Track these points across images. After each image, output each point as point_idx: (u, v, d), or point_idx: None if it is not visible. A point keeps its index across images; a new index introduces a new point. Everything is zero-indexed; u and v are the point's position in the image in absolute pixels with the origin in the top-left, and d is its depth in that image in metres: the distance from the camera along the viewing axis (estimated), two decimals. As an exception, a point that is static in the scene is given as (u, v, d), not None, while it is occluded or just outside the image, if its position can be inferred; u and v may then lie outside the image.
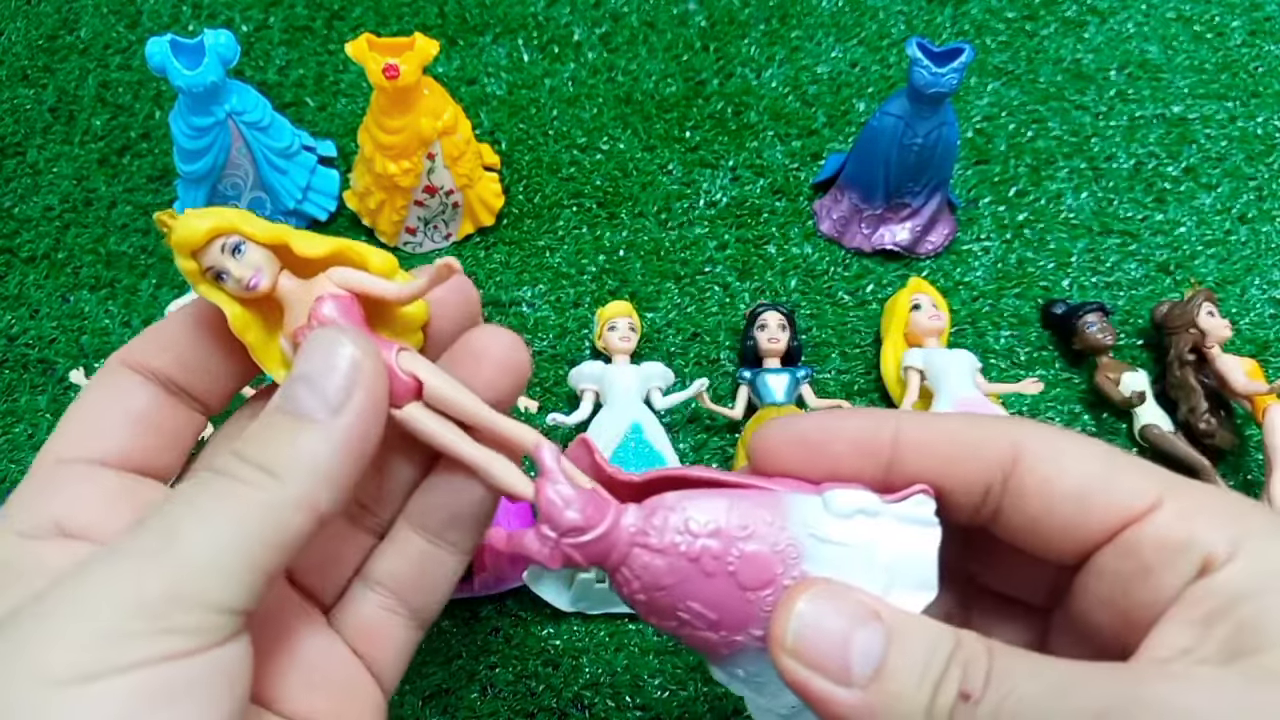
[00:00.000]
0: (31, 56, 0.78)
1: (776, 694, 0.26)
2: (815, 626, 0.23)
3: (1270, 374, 0.64)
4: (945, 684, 0.22)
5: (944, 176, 0.66)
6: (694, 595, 0.25)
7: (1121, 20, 0.81)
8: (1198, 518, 0.23)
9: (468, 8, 0.80)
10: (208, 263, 0.26)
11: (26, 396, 0.62)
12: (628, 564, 0.26)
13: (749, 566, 0.25)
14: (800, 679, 0.23)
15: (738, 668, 0.26)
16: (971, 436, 0.26)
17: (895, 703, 0.22)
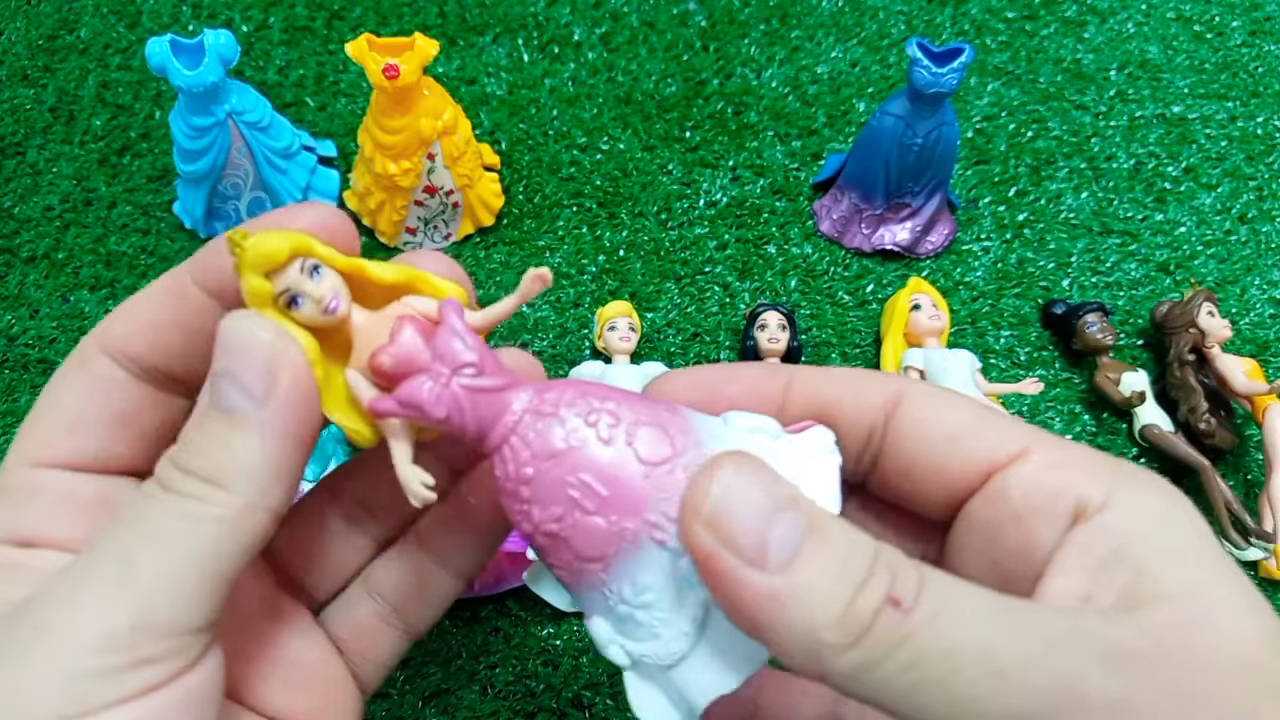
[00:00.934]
0: (31, 56, 0.78)
1: (657, 629, 0.23)
2: (738, 499, 0.21)
3: (1270, 374, 0.64)
4: (869, 586, 0.20)
5: (944, 176, 0.66)
6: (587, 465, 0.23)
7: (1121, 20, 0.81)
8: (1067, 467, 0.23)
9: (468, 8, 0.80)
10: (283, 285, 0.24)
11: (26, 397, 0.62)
12: (518, 431, 0.24)
13: (649, 439, 0.23)
14: (711, 552, 0.21)
15: (620, 586, 0.23)
16: (857, 381, 0.27)
17: (809, 594, 0.20)
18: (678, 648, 0.23)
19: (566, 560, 0.24)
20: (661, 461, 0.23)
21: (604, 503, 0.23)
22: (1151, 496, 0.22)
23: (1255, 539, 0.56)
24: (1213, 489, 0.57)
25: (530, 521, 0.24)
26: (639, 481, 0.23)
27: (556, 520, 0.23)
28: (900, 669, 0.19)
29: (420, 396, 0.24)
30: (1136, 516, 0.22)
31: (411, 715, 0.52)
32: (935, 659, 0.19)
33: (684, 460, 0.23)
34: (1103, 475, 0.23)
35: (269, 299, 0.24)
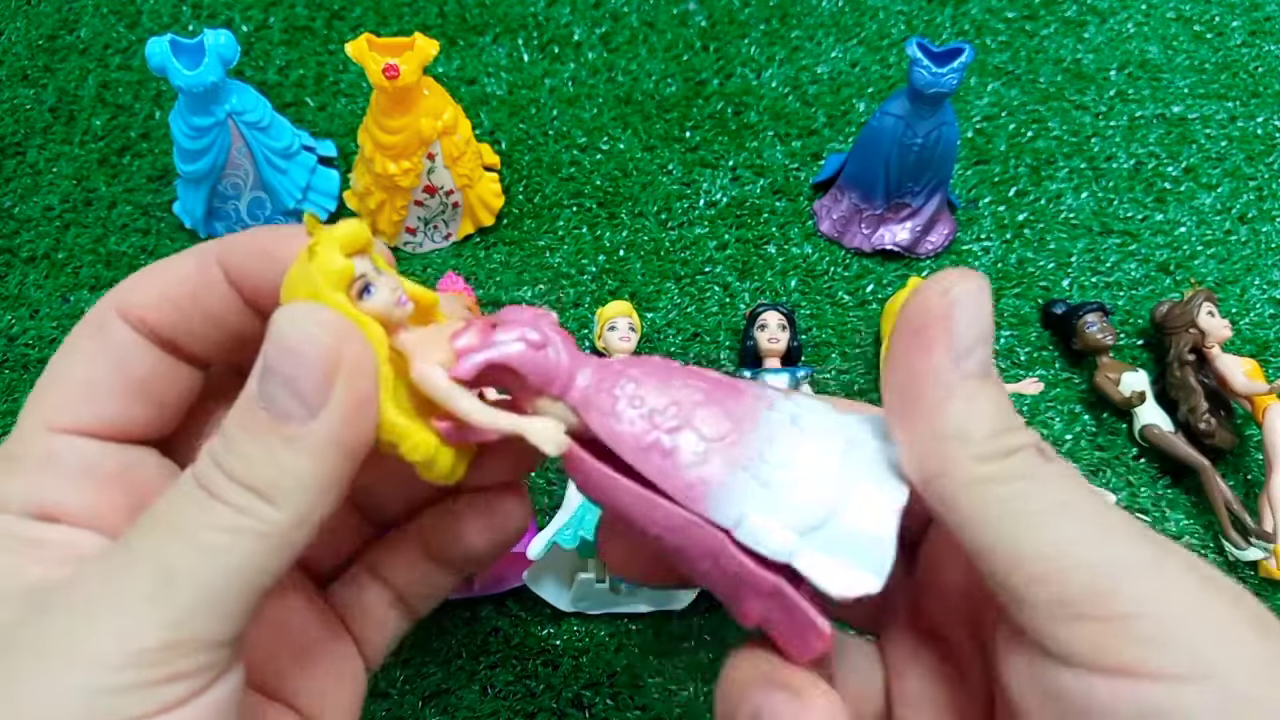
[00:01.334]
0: (31, 56, 0.78)
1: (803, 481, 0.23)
2: (974, 305, 0.22)
3: (1270, 374, 0.64)
4: (1020, 432, 0.22)
5: (944, 176, 0.66)
6: (683, 373, 0.25)
7: (1121, 20, 0.81)
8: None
9: (468, 8, 0.80)
10: (362, 269, 0.23)
11: (27, 396, 0.62)
12: (608, 363, 0.25)
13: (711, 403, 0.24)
14: (936, 319, 0.22)
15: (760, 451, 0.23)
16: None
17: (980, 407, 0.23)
18: (831, 492, 0.23)
19: (698, 451, 0.23)
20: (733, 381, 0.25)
21: (709, 394, 0.24)
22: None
23: (1255, 539, 0.56)
24: (1213, 489, 0.57)
25: (652, 422, 0.23)
26: (727, 382, 0.24)
27: (677, 410, 0.23)
28: (1014, 495, 0.21)
29: (523, 320, 0.24)
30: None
31: (411, 715, 0.52)
32: (1046, 504, 0.20)
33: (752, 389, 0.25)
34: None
35: (345, 281, 0.22)
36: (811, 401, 0.25)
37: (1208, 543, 0.58)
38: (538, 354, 0.24)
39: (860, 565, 0.22)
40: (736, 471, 0.23)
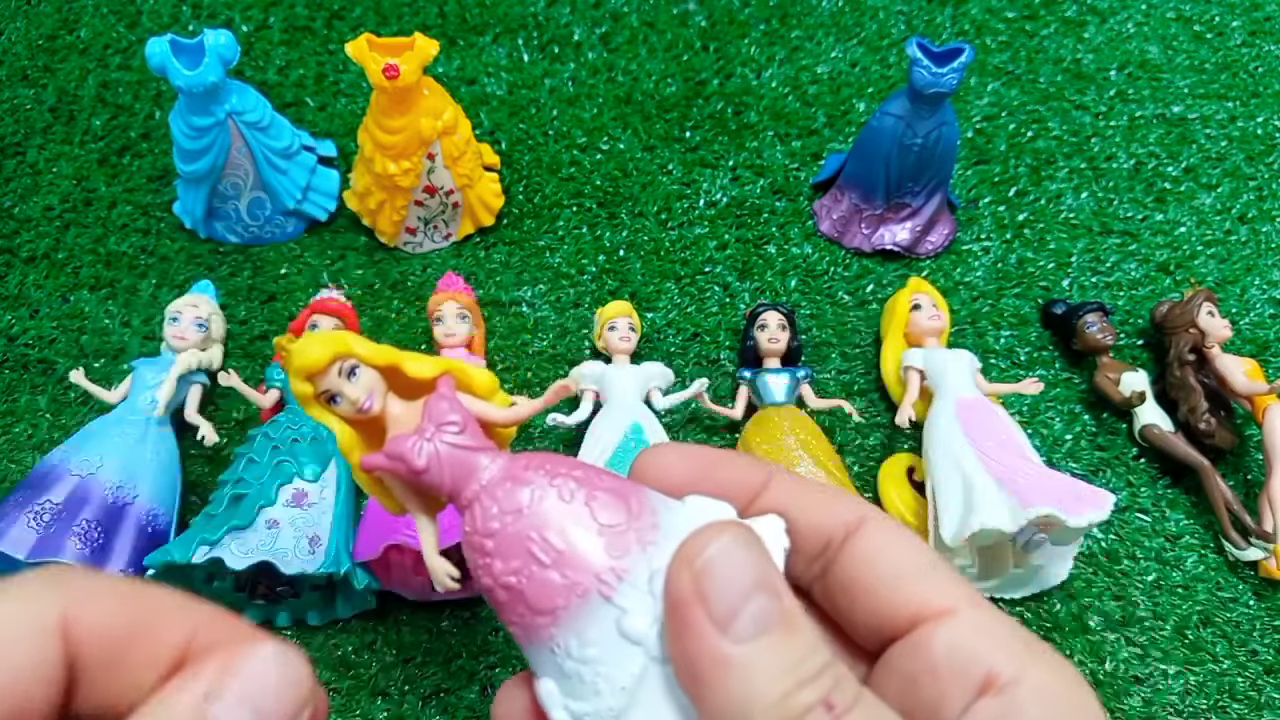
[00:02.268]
0: (31, 56, 0.78)
1: (599, 685, 0.24)
2: (729, 564, 0.23)
3: (1270, 374, 0.64)
4: (811, 685, 0.22)
5: (944, 176, 0.66)
6: (547, 522, 0.25)
7: (1121, 20, 0.81)
8: (989, 636, 0.25)
9: (468, 8, 0.80)
10: (324, 386, 0.28)
11: (26, 396, 0.62)
12: (488, 488, 0.26)
13: (607, 504, 0.25)
14: (686, 599, 0.22)
15: (567, 640, 0.25)
16: (827, 496, 0.28)
17: (756, 672, 0.22)
18: (616, 703, 0.24)
19: (520, 614, 0.25)
20: (617, 525, 0.25)
21: (559, 558, 0.24)
22: (1060, 682, 0.24)
23: (1255, 539, 0.56)
24: (1213, 489, 0.57)
25: (491, 575, 0.25)
26: (593, 539, 0.25)
27: (514, 573, 0.25)
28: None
29: (403, 448, 0.27)
30: (1046, 702, 0.23)
31: (412, 715, 0.52)
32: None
33: (639, 525, 0.25)
34: (1019, 651, 0.24)
35: (312, 398, 0.28)
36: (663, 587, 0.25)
37: (1208, 543, 0.58)
38: (416, 477, 0.27)
39: None
40: (544, 648, 0.25)
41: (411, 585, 0.55)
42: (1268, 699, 0.53)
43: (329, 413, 0.28)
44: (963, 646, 0.25)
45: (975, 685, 0.24)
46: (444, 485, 0.27)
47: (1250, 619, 0.56)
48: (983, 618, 0.25)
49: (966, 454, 0.54)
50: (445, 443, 0.27)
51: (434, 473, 0.27)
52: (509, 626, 0.26)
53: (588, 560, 0.24)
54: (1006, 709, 0.23)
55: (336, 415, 0.28)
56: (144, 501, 0.54)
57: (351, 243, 0.69)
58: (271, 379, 0.59)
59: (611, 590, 0.24)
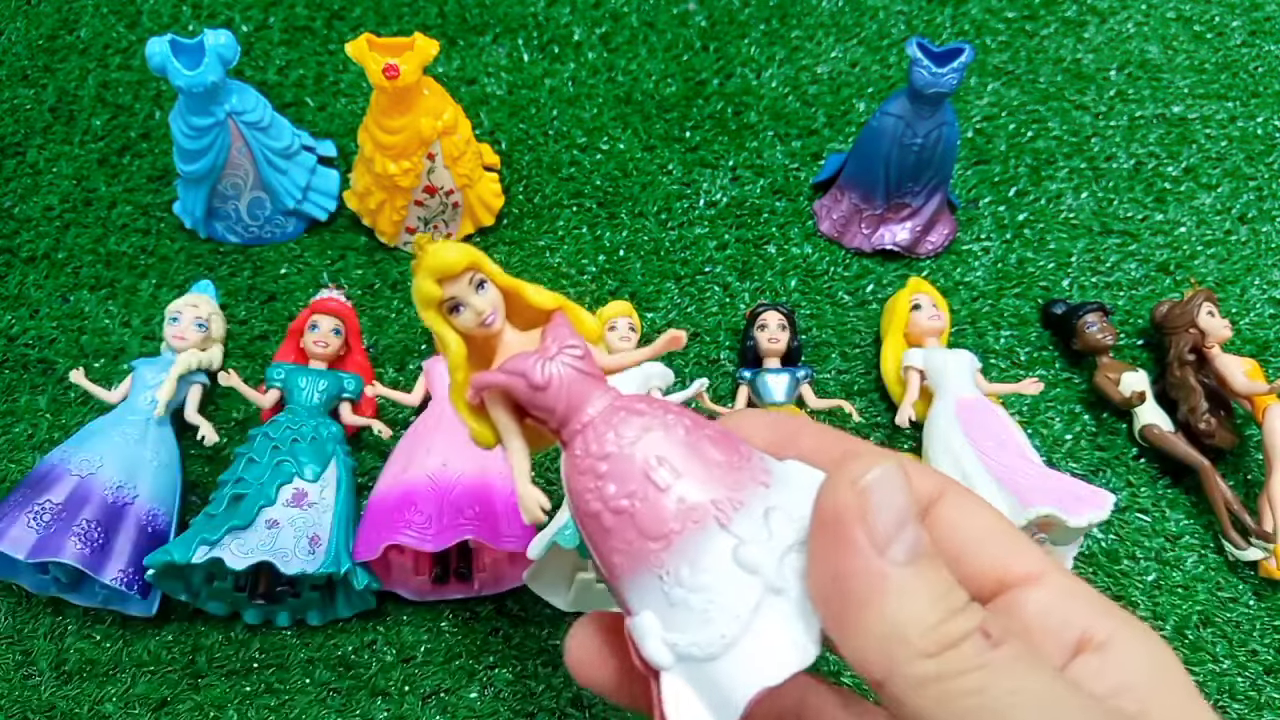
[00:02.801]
0: (31, 56, 0.78)
1: (710, 613, 0.24)
2: (890, 488, 0.23)
3: (1270, 374, 0.64)
4: (964, 614, 0.22)
5: (944, 176, 0.66)
6: (667, 449, 0.25)
7: (1121, 20, 0.81)
8: (1079, 599, 0.25)
9: (468, 8, 0.80)
10: (451, 292, 0.27)
11: (26, 396, 0.62)
12: (606, 414, 0.26)
13: (722, 443, 0.25)
14: (849, 516, 0.22)
15: (678, 566, 0.24)
16: (911, 466, 0.28)
17: (912, 595, 0.22)
18: (729, 631, 0.23)
19: (629, 540, 0.25)
20: (731, 460, 0.25)
21: (676, 484, 0.24)
22: (1150, 644, 0.24)
23: (1255, 539, 0.56)
24: (1213, 489, 0.57)
25: (601, 499, 0.25)
26: (710, 469, 0.25)
27: (628, 496, 0.25)
28: (967, 690, 0.21)
29: (524, 365, 0.27)
30: (1140, 659, 0.24)
31: (412, 715, 0.52)
32: (1001, 692, 0.21)
33: (750, 466, 0.25)
34: (1107, 614, 0.25)
35: (434, 303, 0.27)
36: (780, 523, 0.25)
37: (1208, 543, 0.58)
38: (534, 394, 0.27)
39: (710, 713, 0.24)
40: (651, 575, 0.25)
41: (411, 585, 0.55)
42: (1268, 699, 0.53)
43: (446, 324, 0.27)
44: (1055, 609, 0.25)
45: (1070, 645, 0.24)
46: (558, 408, 0.27)
47: (1250, 619, 0.56)
48: (1069, 583, 0.25)
49: (966, 454, 0.54)
50: (567, 364, 0.27)
51: (552, 392, 0.26)
52: (610, 556, 0.25)
53: (705, 488, 0.24)
54: (1104, 664, 0.24)
55: (453, 327, 0.27)
56: (144, 501, 0.54)
57: (351, 243, 0.69)
58: (271, 379, 0.59)
59: (728, 519, 0.24)
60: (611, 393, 0.27)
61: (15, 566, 0.53)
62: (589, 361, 0.27)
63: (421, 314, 0.27)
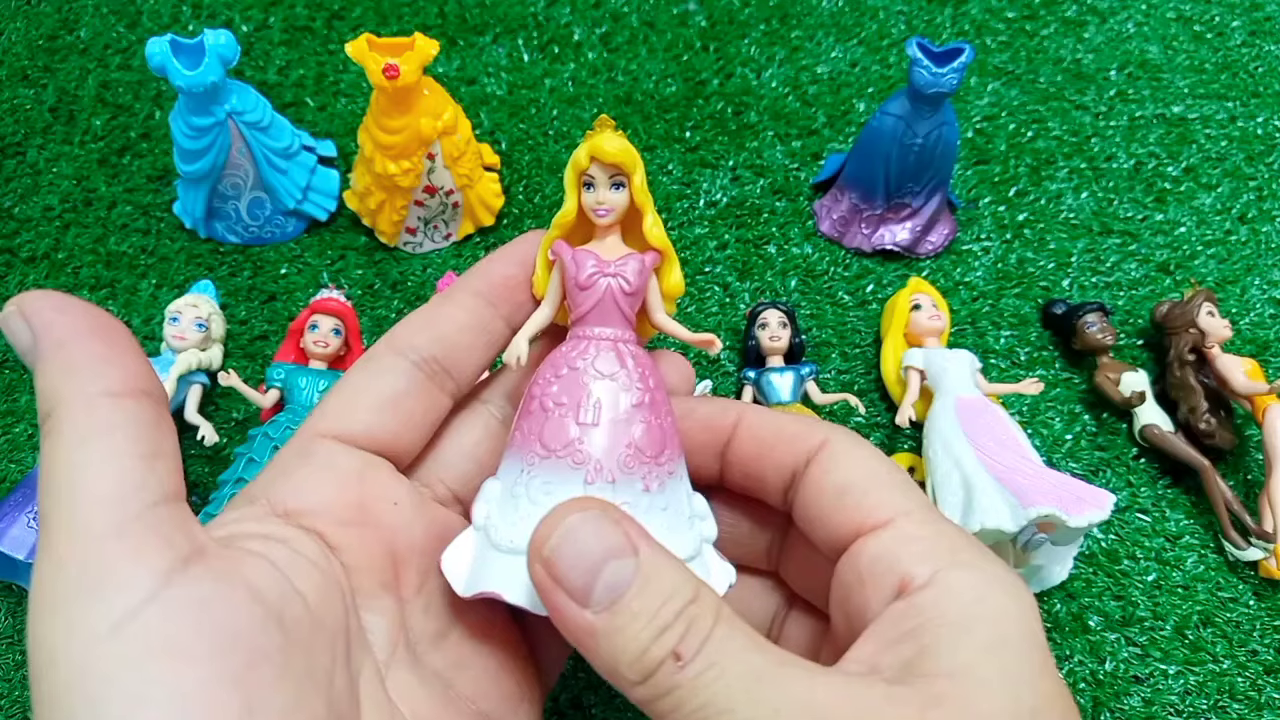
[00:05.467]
0: (31, 56, 0.78)
1: (524, 522, 0.28)
2: (574, 543, 0.24)
3: (1270, 374, 0.64)
4: (666, 636, 0.23)
5: (944, 176, 0.66)
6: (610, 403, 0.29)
7: (1121, 20, 0.81)
8: (910, 543, 0.26)
9: (468, 8, 0.80)
10: (593, 172, 0.31)
11: (26, 396, 0.62)
12: (603, 345, 0.31)
13: (653, 435, 0.29)
14: (544, 586, 0.25)
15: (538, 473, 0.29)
16: (792, 428, 0.30)
17: (618, 636, 0.24)
18: (518, 543, 0.27)
19: (532, 431, 0.29)
20: (646, 454, 0.29)
21: (590, 428, 0.29)
22: (969, 583, 0.25)
23: (1255, 539, 0.56)
24: (1213, 489, 0.57)
25: (544, 389, 0.30)
26: (622, 442, 0.29)
27: (557, 404, 0.29)
28: (668, 709, 0.23)
29: (585, 262, 0.31)
30: (943, 599, 0.24)
31: (411, 715, 0.52)
32: (691, 709, 0.23)
33: (658, 470, 0.29)
34: (937, 557, 0.25)
35: (578, 171, 0.31)
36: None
37: (1208, 543, 0.58)
38: (574, 285, 0.31)
39: (465, 576, 0.29)
40: (520, 463, 0.29)
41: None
42: (1268, 699, 0.53)
43: (574, 188, 0.31)
44: (884, 556, 0.26)
45: (890, 592, 0.25)
46: (580, 310, 0.31)
47: (1250, 619, 0.56)
48: (915, 528, 0.27)
49: (966, 454, 0.54)
50: (611, 287, 0.31)
51: (584, 296, 0.30)
52: (516, 429, 0.30)
53: (605, 449, 0.28)
54: (907, 609, 0.24)
55: (577, 194, 0.31)
56: (144, 501, 0.54)
57: (351, 243, 0.69)
58: (271, 379, 0.59)
59: (593, 480, 0.28)
60: (626, 334, 0.31)
61: (15, 566, 0.53)
62: (629, 300, 0.31)
63: (566, 171, 0.31)
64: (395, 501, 0.29)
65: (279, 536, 0.26)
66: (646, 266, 0.31)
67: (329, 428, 0.29)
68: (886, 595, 0.25)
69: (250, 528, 0.26)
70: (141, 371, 0.24)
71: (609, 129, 0.31)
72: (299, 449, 0.29)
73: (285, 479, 0.28)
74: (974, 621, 0.24)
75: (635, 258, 0.31)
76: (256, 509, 0.27)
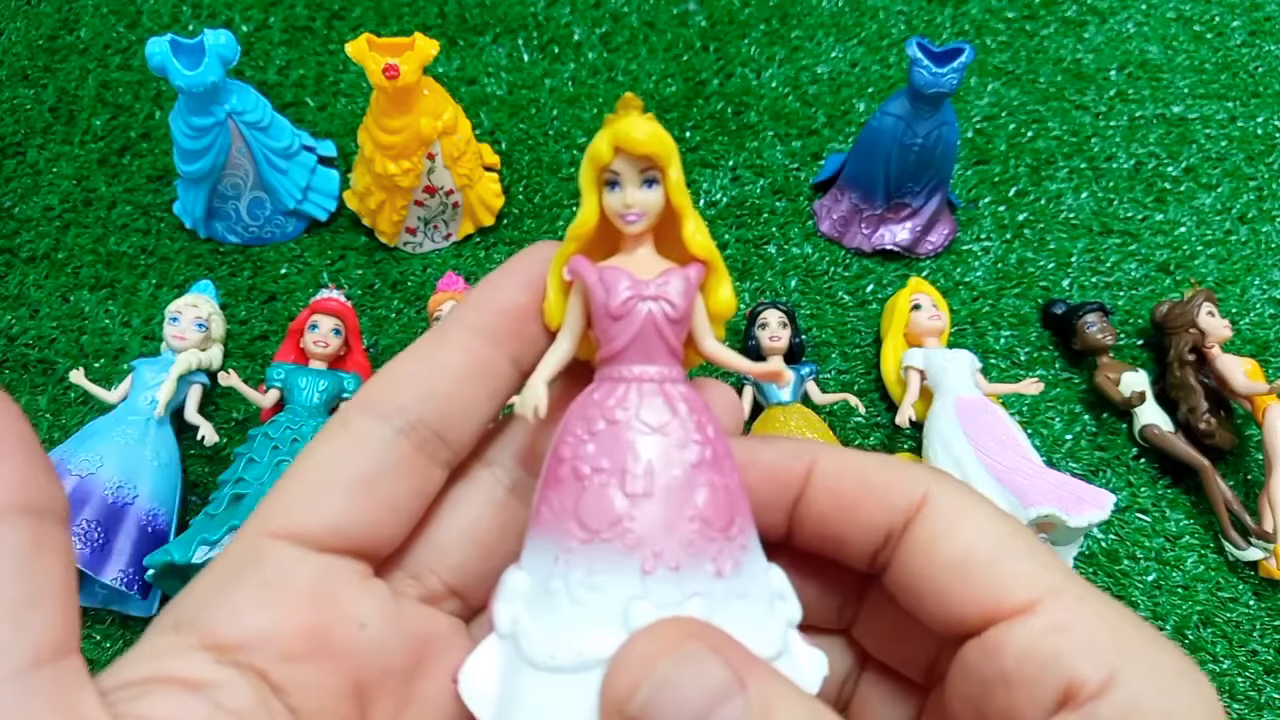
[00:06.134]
0: (31, 56, 0.78)
1: (562, 625, 0.22)
2: (670, 699, 0.19)
3: (1270, 374, 0.64)
4: None
5: (944, 176, 0.66)
6: (661, 464, 0.23)
7: (1121, 20, 0.81)
8: (1071, 633, 0.21)
9: (468, 8, 0.80)
10: (618, 167, 0.24)
11: (26, 396, 0.62)
12: (647, 388, 0.24)
13: (719, 502, 0.23)
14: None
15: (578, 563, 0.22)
16: (882, 478, 0.24)
17: None
18: (561, 660, 0.22)
19: (563, 505, 0.23)
20: (713, 526, 0.23)
21: (641, 499, 0.22)
22: (1156, 685, 0.20)
23: (1255, 539, 0.56)
24: (1213, 489, 0.57)
25: (576, 449, 0.23)
26: (684, 516, 0.22)
27: (595, 469, 0.23)
28: None
29: (618, 284, 0.24)
30: (1128, 709, 0.20)
31: (412, 715, 0.52)
32: None
33: (729, 546, 0.23)
34: (1108, 650, 0.20)
35: (597, 166, 0.24)
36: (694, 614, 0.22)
37: (1208, 543, 0.58)
38: (605, 315, 0.24)
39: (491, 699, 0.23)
40: (552, 548, 0.23)
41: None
42: (1268, 699, 0.53)
43: (593, 189, 0.25)
44: (1038, 651, 0.21)
45: (1053, 699, 0.21)
46: (615, 344, 0.24)
47: (1250, 619, 0.56)
48: (1066, 612, 0.21)
49: (966, 454, 0.54)
50: (655, 313, 0.24)
51: (620, 327, 0.24)
52: (541, 503, 0.23)
53: (661, 526, 0.22)
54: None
55: (597, 197, 0.25)
56: (144, 501, 0.54)
57: (351, 243, 0.69)
58: (271, 379, 0.59)
59: (652, 569, 0.22)
60: (674, 372, 0.24)
61: (15, 566, 0.53)
62: (674, 329, 0.24)
63: (581, 168, 0.25)
64: (362, 624, 0.23)
65: (204, 682, 0.21)
66: (692, 284, 0.25)
67: (283, 524, 0.23)
68: (1047, 701, 0.21)
69: (169, 668, 0.21)
70: (25, 479, 0.18)
71: (635, 110, 0.24)
72: (242, 554, 0.22)
73: (221, 599, 0.22)
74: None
75: (677, 273, 0.24)
76: (183, 639, 0.21)
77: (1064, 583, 0.22)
